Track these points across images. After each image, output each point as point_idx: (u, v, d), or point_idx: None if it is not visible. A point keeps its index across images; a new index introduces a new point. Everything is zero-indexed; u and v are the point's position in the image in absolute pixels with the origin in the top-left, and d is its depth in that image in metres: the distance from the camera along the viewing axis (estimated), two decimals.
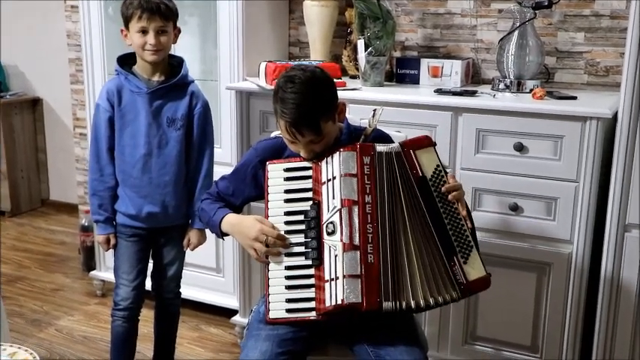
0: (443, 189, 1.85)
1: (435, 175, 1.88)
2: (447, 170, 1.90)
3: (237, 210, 2.09)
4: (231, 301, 3.19)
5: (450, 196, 1.86)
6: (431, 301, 1.80)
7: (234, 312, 3.11)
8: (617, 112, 2.27)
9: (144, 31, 2.31)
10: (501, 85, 2.66)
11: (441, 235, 1.83)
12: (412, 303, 1.79)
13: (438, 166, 1.89)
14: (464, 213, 1.86)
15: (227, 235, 2.03)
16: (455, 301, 1.84)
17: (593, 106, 2.31)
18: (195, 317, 3.31)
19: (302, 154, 1.90)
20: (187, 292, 2.92)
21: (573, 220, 2.36)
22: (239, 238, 1.98)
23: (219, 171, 2.37)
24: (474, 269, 1.83)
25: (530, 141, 2.37)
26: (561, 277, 2.41)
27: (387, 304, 1.77)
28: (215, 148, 2.57)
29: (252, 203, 2.22)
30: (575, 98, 2.47)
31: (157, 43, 2.32)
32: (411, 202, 1.84)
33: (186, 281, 2.71)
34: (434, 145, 1.92)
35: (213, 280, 3.26)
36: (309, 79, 1.84)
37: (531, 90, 2.56)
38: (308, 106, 1.82)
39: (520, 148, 2.38)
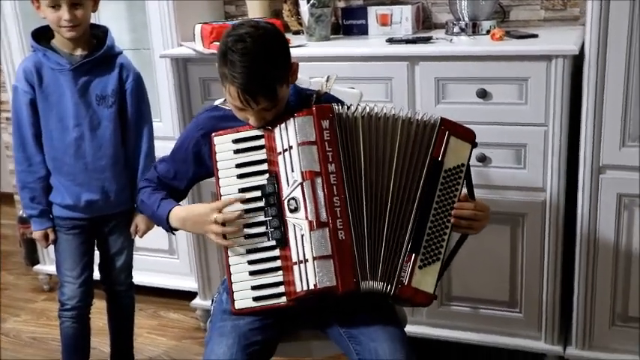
0: (456, 211, 1.69)
1: (453, 172, 1.71)
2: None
3: (184, 194, 1.91)
4: (189, 283, 3.04)
5: (455, 212, 1.69)
6: (380, 286, 1.66)
7: (193, 294, 2.96)
8: (582, 48, 2.14)
9: (56, 5, 2.08)
10: (456, 29, 2.50)
11: (417, 227, 1.67)
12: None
13: (462, 165, 1.71)
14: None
15: (177, 229, 1.84)
16: (381, 294, 1.66)
17: (557, 43, 2.17)
18: (152, 303, 3.14)
19: (251, 122, 1.70)
20: (140, 278, 2.75)
21: (545, 166, 2.25)
22: (194, 230, 1.81)
23: (162, 146, 2.20)
24: (424, 281, 1.66)
25: (494, 86, 2.24)
26: (536, 227, 2.32)
27: (366, 284, 1.62)
28: (155, 123, 2.40)
29: (201, 182, 2.02)
30: (536, 36, 2.33)
31: (72, 18, 2.09)
32: (407, 178, 1.68)
33: (138, 266, 2.54)
34: (474, 145, 1.74)
35: (168, 263, 3.11)
36: (262, 36, 1.63)
37: (488, 31, 2.42)
38: (263, 68, 1.61)
39: (483, 94, 2.25)
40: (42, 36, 2.20)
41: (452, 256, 1.74)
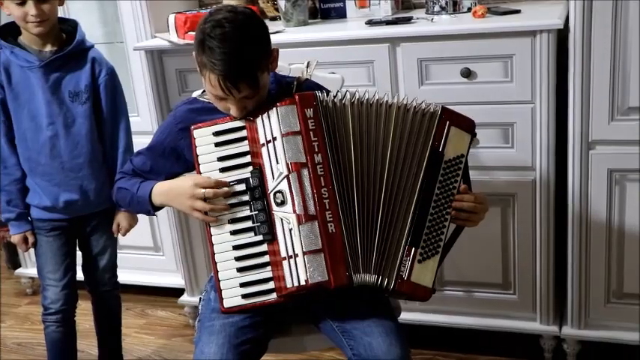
0: (456, 203, 1.67)
1: (452, 163, 1.67)
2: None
3: None
4: (175, 280, 2.99)
5: (455, 204, 1.67)
6: (373, 279, 1.62)
7: (180, 291, 2.91)
8: (567, 21, 2.09)
9: (22, 1, 2.02)
10: (436, 8, 2.45)
11: (417, 220, 1.63)
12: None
13: (462, 156, 1.68)
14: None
15: (159, 209, 1.78)
16: (381, 289, 1.63)
17: (540, 18, 2.13)
18: (139, 302, 3.10)
19: (232, 112, 1.64)
20: (126, 276, 2.71)
21: (533, 144, 2.21)
22: (176, 204, 1.72)
23: (140, 142, 2.13)
24: (423, 275, 1.63)
25: (478, 65, 2.19)
26: (527, 207, 2.28)
27: (359, 277, 1.58)
28: (132, 117, 2.35)
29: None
30: (518, 12, 2.29)
31: (39, 13, 2.03)
32: (404, 169, 1.64)
33: (122, 265, 2.50)
34: (473, 135, 1.72)
35: (153, 260, 3.06)
36: (241, 21, 1.57)
37: (469, 9, 2.37)
38: (244, 54, 1.55)
39: (467, 74, 2.20)
40: (8, 33, 2.13)
41: (448, 249, 1.70)
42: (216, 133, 1.66)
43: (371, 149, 1.64)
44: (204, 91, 1.73)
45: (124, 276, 2.55)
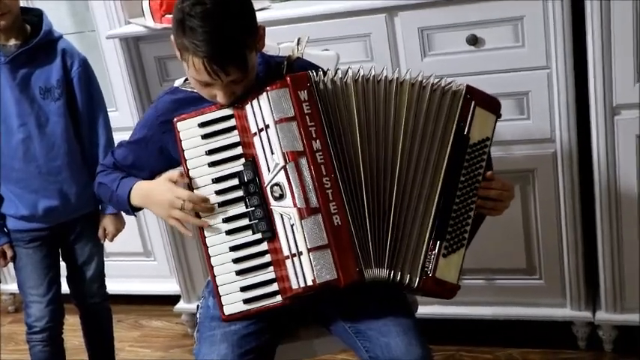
0: (482, 191, 1.68)
1: (478, 147, 1.68)
2: None
3: None
4: (170, 286, 3.02)
5: (481, 191, 1.68)
6: (394, 274, 1.62)
7: (176, 298, 2.93)
8: None
9: None
10: None
11: (442, 210, 1.63)
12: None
13: (487, 139, 1.69)
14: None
15: (140, 209, 1.81)
16: (404, 287, 1.65)
17: None
18: (132, 313, 3.13)
19: (219, 98, 1.63)
20: (115, 286, 2.72)
21: (551, 113, 2.22)
22: (155, 210, 1.75)
23: (120, 139, 2.09)
24: (448, 270, 1.64)
25: (485, 30, 2.20)
26: (548, 183, 2.29)
27: (371, 272, 1.59)
28: (110, 112, 2.39)
29: None
30: None
31: None
32: (421, 153, 1.64)
33: (111, 274, 2.54)
34: (499, 116, 1.73)
35: (144, 267, 3.11)
36: None
37: None
38: (229, 31, 1.54)
39: (474, 40, 2.21)
40: None
41: (469, 242, 1.71)
42: (203, 124, 1.66)
43: (380, 132, 1.64)
44: (186, 79, 1.72)
45: (113, 285, 2.57)
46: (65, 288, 2.39)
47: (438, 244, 1.63)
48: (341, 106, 1.63)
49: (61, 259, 2.38)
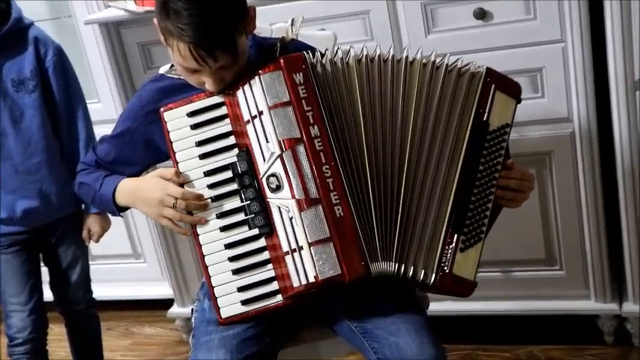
0: (502, 180, 1.69)
1: (497, 134, 1.68)
2: None
3: None
4: (162, 290, 3.03)
5: (501, 181, 1.69)
6: (404, 269, 1.62)
7: (169, 302, 2.95)
8: None
9: None
10: None
11: (459, 201, 1.63)
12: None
13: (507, 125, 1.70)
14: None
15: (125, 209, 1.82)
16: (418, 284, 1.65)
17: None
18: (122, 319, 3.16)
19: (208, 86, 1.64)
20: (103, 291, 2.74)
21: (568, 91, 2.23)
22: (143, 209, 1.75)
23: (103, 133, 2.11)
24: (465, 266, 1.65)
25: (493, 3, 2.22)
26: (567, 166, 2.30)
27: (377, 266, 1.59)
28: (92, 104, 2.44)
29: None
30: None
31: None
32: (434, 139, 1.65)
33: (98, 278, 2.57)
34: (519, 101, 1.75)
35: (134, 269, 3.14)
36: None
37: None
38: (216, 13, 1.54)
39: (482, 14, 2.22)
40: None
41: (486, 235, 1.72)
42: (191, 114, 1.67)
43: (386, 116, 1.64)
44: (172, 65, 1.72)
45: (100, 291, 2.59)
46: (48, 295, 2.40)
47: (455, 238, 1.63)
48: (342, 88, 1.63)
49: (42, 264, 2.39)
